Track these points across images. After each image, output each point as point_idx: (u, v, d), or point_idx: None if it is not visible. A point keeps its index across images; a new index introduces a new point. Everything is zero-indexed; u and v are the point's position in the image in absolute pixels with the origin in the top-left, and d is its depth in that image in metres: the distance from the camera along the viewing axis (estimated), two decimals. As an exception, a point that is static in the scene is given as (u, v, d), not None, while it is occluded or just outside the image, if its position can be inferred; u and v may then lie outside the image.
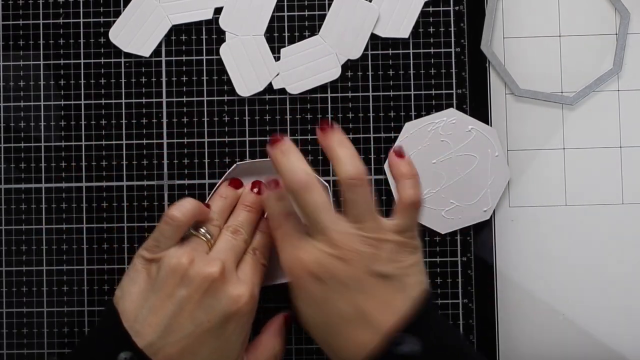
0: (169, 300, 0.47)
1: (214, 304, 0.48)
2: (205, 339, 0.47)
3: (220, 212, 0.53)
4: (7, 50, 0.58)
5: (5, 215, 0.58)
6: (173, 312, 0.47)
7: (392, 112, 0.57)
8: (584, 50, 0.57)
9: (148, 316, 0.47)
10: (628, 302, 0.57)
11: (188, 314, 0.47)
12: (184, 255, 0.48)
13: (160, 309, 0.47)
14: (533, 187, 0.57)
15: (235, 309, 0.48)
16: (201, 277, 0.48)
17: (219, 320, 0.48)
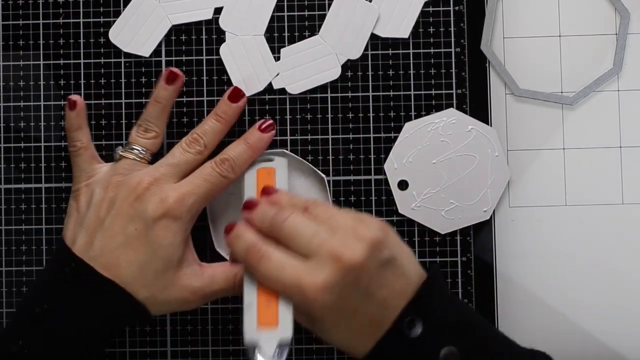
0: (98, 219, 0.50)
1: (140, 211, 0.50)
2: (136, 246, 0.49)
3: (155, 119, 0.53)
4: (7, 50, 0.58)
5: (5, 215, 0.58)
6: (103, 228, 0.50)
7: (392, 112, 0.57)
8: (584, 50, 0.57)
9: (82, 237, 0.50)
10: (628, 302, 0.57)
11: (117, 227, 0.50)
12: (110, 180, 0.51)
13: (91, 228, 0.50)
14: (533, 187, 0.57)
15: (160, 212, 0.49)
16: (127, 191, 0.50)
17: (144, 225, 0.49)
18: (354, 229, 0.46)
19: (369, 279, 0.45)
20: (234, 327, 0.57)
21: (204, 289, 0.51)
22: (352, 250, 0.45)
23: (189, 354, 0.57)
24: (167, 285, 0.50)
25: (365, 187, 0.57)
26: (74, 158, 0.54)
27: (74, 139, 0.54)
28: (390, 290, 0.46)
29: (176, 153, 0.52)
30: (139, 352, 0.57)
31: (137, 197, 0.50)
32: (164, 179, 0.51)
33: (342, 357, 0.57)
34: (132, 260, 0.49)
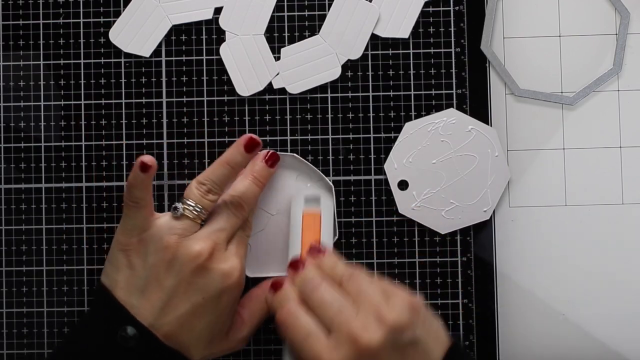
0: (159, 285, 0.49)
1: (207, 282, 0.50)
2: (201, 314, 0.50)
3: (221, 182, 0.52)
4: (7, 50, 0.58)
5: (5, 215, 0.58)
6: (167, 295, 0.49)
7: (392, 112, 0.57)
8: (584, 50, 0.57)
9: (141, 301, 0.49)
10: (628, 302, 0.57)
11: (182, 295, 0.49)
12: (170, 238, 0.50)
13: (152, 294, 0.49)
14: (533, 187, 0.57)
15: (228, 283, 0.50)
16: (188, 260, 0.49)
17: (213, 296, 0.50)
18: (378, 309, 0.46)
19: None
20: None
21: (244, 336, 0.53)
22: (370, 334, 0.45)
23: (189, 354, 0.57)
24: (218, 344, 0.52)
25: (365, 187, 0.57)
26: (129, 211, 0.50)
27: (136, 197, 0.50)
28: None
29: (222, 217, 0.52)
30: (139, 352, 0.57)
31: (200, 268, 0.49)
32: (221, 245, 0.51)
33: None
34: (195, 327, 0.50)
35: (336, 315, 0.46)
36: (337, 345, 0.45)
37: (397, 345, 0.45)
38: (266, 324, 0.57)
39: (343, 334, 0.45)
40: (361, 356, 0.45)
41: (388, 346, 0.45)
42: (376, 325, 0.45)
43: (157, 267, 0.49)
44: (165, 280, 0.49)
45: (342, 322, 0.45)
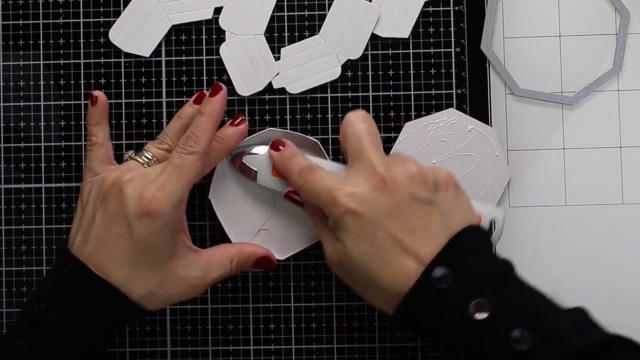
0: (92, 218, 0.50)
1: (122, 210, 0.49)
2: (124, 244, 0.49)
3: (172, 134, 0.53)
4: (7, 50, 0.58)
5: (5, 215, 0.58)
6: (95, 227, 0.49)
7: (392, 112, 0.57)
8: (584, 50, 0.57)
9: (79, 235, 0.50)
10: (628, 302, 0.57)
11: (106, 225, 0.49)
12: (104, 178, 0.51)
13: (86, 227, 0.50)
14: (533, 187, 0.57)
15: (139, 210, 0.48)
16: (111, 187, 0.49)
17: (127, 224, 0.48)
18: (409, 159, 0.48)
19: (399, 204, 0.46)
20: (234, 327, 0.57)
21: (203, 278, 0.51)
22: (390, 169, 0.47)
23: (189, 354, 0.57)
24: (163, 280, 0.50)
25: (365, 187, 0.57)
26: (88, 153, 0.53)
27: (91, 134, 0.53)
28: (420, 228, 0.46)
29: (152, 150, 0.53)
30: (139, 352, 0.57)
31: (119, 193, 0.49)
32: (148, 175, 0.50)
33: (342, 357, 0.57)
34: (122, 259, 0.49)
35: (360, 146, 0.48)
36: (353, 177, 0.48)
37: (411, 196, 0.46)
38: (266, 323, 0.57)
39: (362, 165, 0.48)
40: (375, 186, 0.46)
41: (403, 188, 0.46)
42: (400, 166, 0.47)
43: (95, 202, 0.50)
44: (96, 212, 0.50)
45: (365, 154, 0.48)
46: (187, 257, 0.51)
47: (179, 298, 0.51)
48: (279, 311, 0.57)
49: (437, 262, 0.45)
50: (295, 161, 0.51)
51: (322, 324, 0.57)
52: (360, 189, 0.47)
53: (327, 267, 0.52)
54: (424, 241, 0.46)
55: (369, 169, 0.47)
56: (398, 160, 0.48)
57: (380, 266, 0.46)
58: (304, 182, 0.50)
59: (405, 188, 0.46)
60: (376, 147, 0.48)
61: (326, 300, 0.57)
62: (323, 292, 0.57)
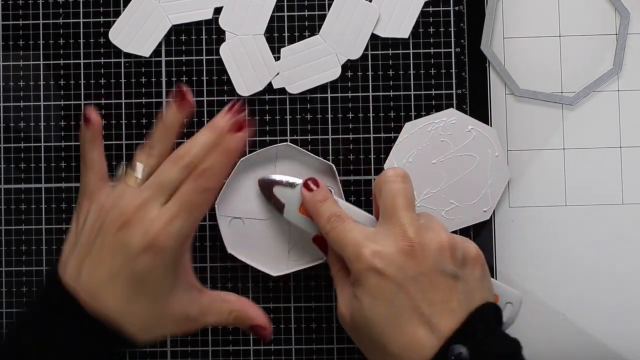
0: (87, 246, 0.47)
1: (125, 244, 0.46)
2: (123, 279, 0.46)
3: (158, 141, 0.49)
4: (7, 50, 0.58)
5: (5, 215, 0.58)
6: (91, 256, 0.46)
7: (392, 112, 0.57)
8: (584, 50, 0.57)
9: (71, 261, 0.47)
10: (628, 303, 0.57)
11: (105, 255, 0.46)
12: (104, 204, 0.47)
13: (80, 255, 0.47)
14: (533, 187, 0.57)
15: (144, 246, 0.45)
16: (114, 217, 0.46)
17: (129, 259, 0.46)
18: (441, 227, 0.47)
19: (425, 272, 0.45)
20: (234, 327, 0.57)
21: (197, 320, 0.49)
22: (421, 235, 0.46)
23: (189, 354, 0.57)
24: (160, 317, 0.47)
25: (366, 187, 0.57)
26: (82, 173, 0.50)
27: (85, 155, 0.50)
28: (441, 300, 0.45)
29: (162, 173, 0.48)
30: (138, 352, 0.57)
31: (121, 226, 0.46)
32: (150, 204, 0.47)
33: (342, 357, 0.57)
34: (120, 292, 0.46)
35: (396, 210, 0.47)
36: (383, 236, 0.47)
37: (438, 267, 0.45)
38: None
39: (394, 227, 0.47)
40: (403, 251, 0.46)
41: (431, 257, 0.46)
42: (432, 234, 0.46)
43: (91, 229, 0.47)
44: (93, 242, 0.47)
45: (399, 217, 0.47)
46: (187, 295, 0.49)
47: (170, 334, 0.49)
48: (279, 311, 0.57)
49: (456, 339, 0.44)
50: (326, 206, 0.50)
51: (322, 324, 0.57)
52: (388, 250, 0.46)
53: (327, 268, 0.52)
54: (443, 314, 0.45)
55: (399, 231, 0.46)
56: (430, 227, 0.47)
57: (395, 333, 0.45)
58: (332, 230, 0.49)
59: (433, 257, 0.46)
60: (411, 210, 0.47)
61: (326, 301, 0.57)
62: (323, 292, 0.57)
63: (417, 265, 0.45)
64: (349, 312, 0.47)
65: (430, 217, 0.49)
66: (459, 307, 0.45)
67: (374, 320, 0.45)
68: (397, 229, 0.46)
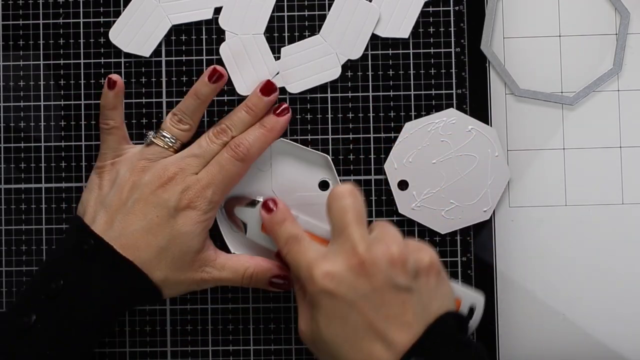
0: (121, 202, 0.51)
1: (163, 201, 0.51)
2: (156, 232, 0.50)
3: (191, 113, 0.54)
4: (7, 50, 0.58)
5: (5, 215, 0.58)
6: (125, 211, 0.51)
7: (392, 112, 0.57)
8: (584, 50, 0.57)
9: (103, 216, 0.51)
10: (628, 302, 0.57)
11: (139, 212, 0.51)
12: (136, 164, 0.52)
13: (113, 210, 0.51)
14: (533, 187, 0.57)
15: (182, 203, 0.51)
16: (150, 180, 0.51)
17: (167, 215, 0.51)
18: (393, 239, 0.47)
19: (377, 288, 0.45)
20: (234, 327, 0.57)
21: (213, 275, 0.52)
22: (371, 250, 0.46)
23: (189, 354, 0.57)
24: (181, 269, 0.51)
25: (365, 187, 0.57)
26: (104, 136, 0.54)
27: (108, 117, 0.54)
28: (395, 315, 0.45)
29: (202, 143, 0.53)
30: (138, 352, 0.57)
31: (161, 185, 0.51)
32: (188, 170, 0.52)
33: (342, 357, 0.57)
34: (151, 244, 0.50)
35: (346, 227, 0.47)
36: (334, 255, 0.46)
37: (389, 281, 0.45)
38: (266, 323, 0.57)
39: (344, 245, 0.46)
40: (353, 268, 0.45)
41: (382, 273, 0.45)
42: (380, 247, 0.46)
43: (122, 186, 0.51)
44: (128, 198, 0.51)
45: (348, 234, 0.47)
46: (206, 252, 0.52)
47: (186, 288, 0.53)
48: (278, 311, 0.57)
49: (413, 352, 0.44)
50: (284, 228, 0.51)
51: (322, 324, 0.57)
52: (338, 269, 0.46)
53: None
54: (398, 329, 0.44)
55: (349, 248, 0.46)
56: (382, 239, 0.47)
57: (352, 351, 0.45)
58: (288, 252, 0.49)
59: (383, 273, 0.45)
60: (360, 224, 0.47)
61: (326, 300, 0.57)
62: (323, 292, 0.57)
63: (368, 282, 0.45)
64: (309, 332, 0.47)
65: (384, 227, 0.48)
66: (414, 320, 0.45)
67: (331, 340, 0.46)
68: (347, 246, 0.46)
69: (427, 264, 0.47)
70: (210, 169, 0.52)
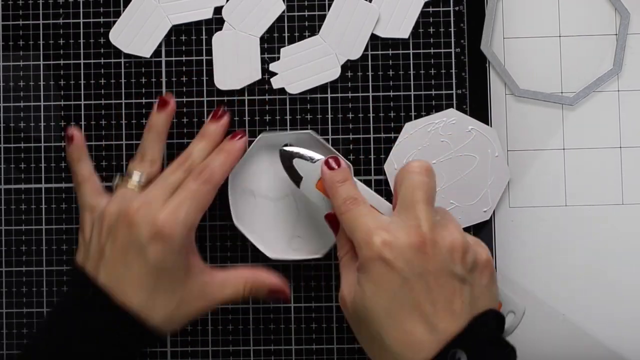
0: (100, 250, 0.50)
1: (134, 237, 0.49)
2: (138, 273, 0.49)
3: (149, 147, 0.53)
4: (7, 50, 0.58)
5: (5, 215, 0.58)
6: (106, 259, 0.49)
7: (392, 112, 0.57)
8: (584, 50, 0.57)
9: (89, 268, 0.50)
10: (628, 303, 0.57)
11: (118, 255, 0.49)
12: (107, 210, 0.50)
13: (96, 260, 0.50)
14: (533, 187, 0.57)
15: (152, 235, 0.48)
16: (119, 219, 0.49)
17: (141, 251, 0.49)
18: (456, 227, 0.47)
19: (432, 270, 0.45)
20: (234, 327, 0.57)
21: (215, 296, 0.51)
22: (435, 232, 0.45)
23: (189, 354, 0.57)
24: (180, 303, 0.50)
25: (365, 187, 0.57)
26: (77, 189, 0.54)
27: (76, 172, 0.54)
28: (444, 301, 0.44)
29: (166, 175, 0.52)
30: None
31: (129, 223, 0.49)
32: (155, 201, 0.50)
33: (342, 357, 0.57)
34: (139, 285, 0.49)
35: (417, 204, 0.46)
36: (396, 227, 0.46)
37: (446, 267, 0.45)
38: (266, 323, 0.57)
39: (410, 219, 0.46)
40: (413, 245, 0.45)
41: (441, 256, 0.45)
42: (449, 233, 0.46)
43: (99, 234, 0.50)
44: (104, 245, 0.50)
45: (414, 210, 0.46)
46: (201, 276, 0.51)
47: (195, 316, 0.51)
48: (279, 311, 0.57)
49: (457, 344, 0.43)
50: (344, 187, 0.50)
51: (322, 324, 0.57)
52: (399, 242, 0.45)
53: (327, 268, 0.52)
54: (445, 316, 0.44)
55: (413, 224, 0.45)
56: (445, 225, 0.47)
57: (393, 327, 0.44)
58: (346, 212, 0.48)
59: (443, 256, 0.45)
60: (429, 204, 0.46)
61: (326, 301, 0.57)
62: (323, 292, 0.57)
63: (425, 261, 0.45)
64: (351, 298, 0.47)
65: (447, 215, 0.48)
66: (461, 310, 0.44)
67: (374, 311, 0.45)
68: (411, 222, 0.46)
69: (485, 260, 0.47)
70: (178, 196, 0.50)
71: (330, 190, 0.50)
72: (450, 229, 0.46)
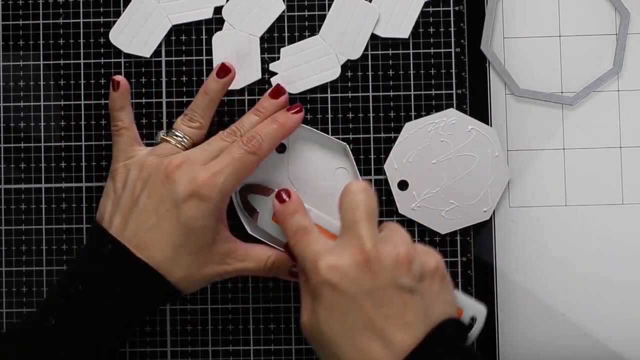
0: (133, 201, 0.50)
1: (169, 192, 0.50)
2: (168, 227, 0.50)
3: (201, 110, 0.54)
4: (7, 50, 0.58)
5: (5, 215, 0.58)
6: (138, 209, 0.50)
7: (392, 112, 0.57)
8: (584, 50, 0.57)
9: (118, 217, 0.51)
10: (628, 303, 0.57)
11: (150, 208, 0.50)
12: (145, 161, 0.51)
13: (127, 210, 0.51)
14: (533, 187, 0.57)
15: (189, 192, 0.49)
16: (158, 172, 0.50)
17: (175, 206, 0.50)
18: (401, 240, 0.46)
19: (380, 286, 0.45)
20: (234, 327, 0.57)
21: (235, 266, 0.52)
22: (378, 248, 0.45)
23: (189, 354, 0.57)
24: (202, 264, 0.51)
25: (365, 187, 0.57)
26: (115, 137, 0.54)
27: (116, 119, 0.54)
28: (396, 314, 0.44)
29: (212, 141, 0.53)
30: (139, 352, 0.57)
31: (167, 176, 0.50)
32: (196, 160, 0.51)
33: (342, 357, 0.57)
34: (165, 241, 0.50)
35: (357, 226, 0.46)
36: (341, 250, 0.46)
37: (393, 281, 0.45)
38: (266, 323, 0.57)
39: (352, 240, 0.46)
40: (358, 264, 0.45)
41: (387, 271, 0.45)
42: (387, 247, 0.46)
43: (133, 185, 0.51)
44: (140, 195, 0.50)
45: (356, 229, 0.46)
46: (227, 244, 0.52)
47: (210, 281, 0.52)
48: (279, 311, 0.57)
49: (415, 356, 0.43)
50: (295, 219, 0.50)
51: (322, 324, 0.57)
52: (344, 263, 0.45)
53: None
54: (398, 329, 0.44)
55: (356, 244, 0.45)
56: (390, 239, 0.46)
57: (350, 347, 0.44)
58: (296, 243, 0.49)
59: (387, 271, 0.45)
60: (370, 222, 0.46)
61: (326, 300, 0.57)
62: (323, 292, 0.57)
63: (371, 278, 0.45)
64: (309, 324, 0.47)
65: (393, 228, 0.48)
66: (415, 322, 0.44)
67: (330, 334, 0.45)
68: (354, 241, 0.46)
69: (432, 267, 0.47)
70: (221, 160, 0.51)
71: (282, 222, 0.51)
72: (394, 241, 0.46)
